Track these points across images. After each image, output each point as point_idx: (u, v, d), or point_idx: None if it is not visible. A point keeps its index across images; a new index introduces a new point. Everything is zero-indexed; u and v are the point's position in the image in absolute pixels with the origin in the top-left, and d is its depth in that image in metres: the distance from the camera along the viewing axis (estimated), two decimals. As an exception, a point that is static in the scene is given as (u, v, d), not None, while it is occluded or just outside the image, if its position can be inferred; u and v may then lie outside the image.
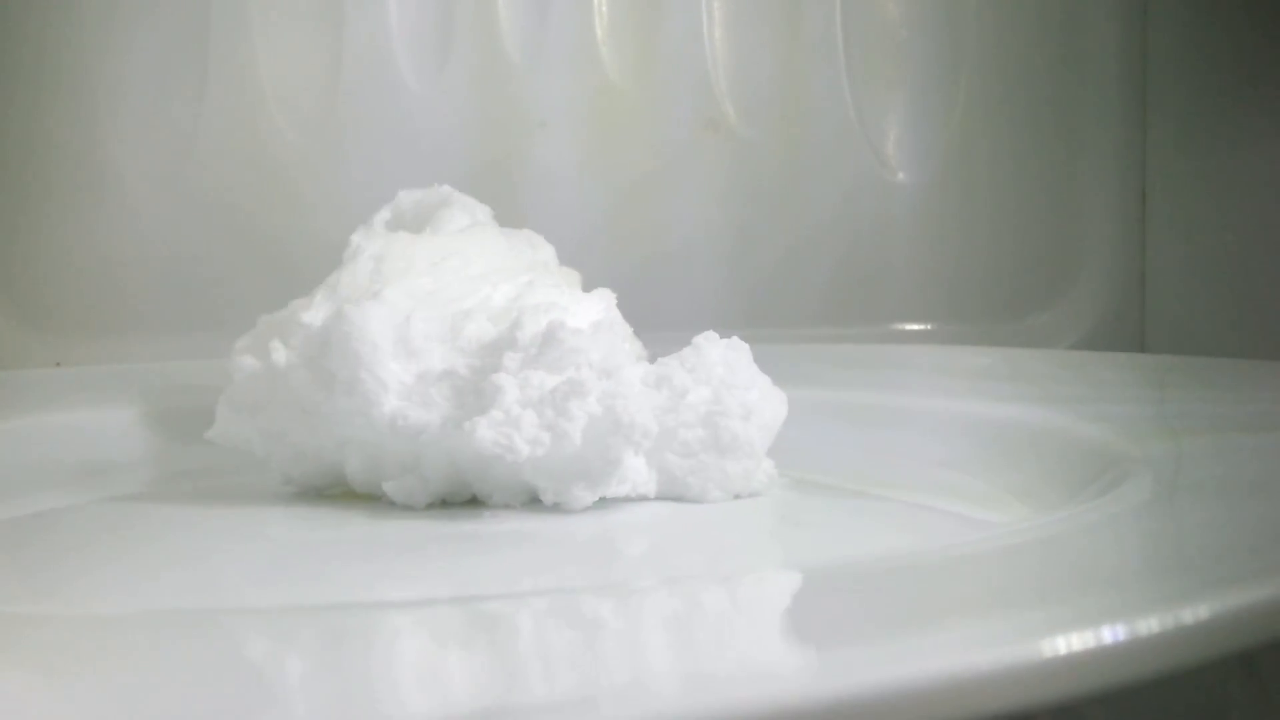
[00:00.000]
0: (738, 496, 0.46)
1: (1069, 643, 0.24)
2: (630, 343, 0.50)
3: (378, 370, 0.44)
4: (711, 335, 0.47)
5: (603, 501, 0.44)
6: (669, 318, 0.82)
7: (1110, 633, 0.25)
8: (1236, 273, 0.81)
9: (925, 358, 0.79)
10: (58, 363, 0.80)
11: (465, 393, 0.44)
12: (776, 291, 0.87)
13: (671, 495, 0.45)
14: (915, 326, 0.88)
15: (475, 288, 0.48)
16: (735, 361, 0.47)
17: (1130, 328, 0.88)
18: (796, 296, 0.87)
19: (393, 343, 0.44)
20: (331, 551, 0.42)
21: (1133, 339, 0.88)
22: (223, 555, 0.42)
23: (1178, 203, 0.86)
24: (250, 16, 0.83)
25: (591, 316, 0.47)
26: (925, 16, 0.88)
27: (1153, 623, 0.25)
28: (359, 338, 0.44)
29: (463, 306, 0.47)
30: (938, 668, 0.23)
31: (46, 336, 0.82)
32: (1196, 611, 0.26)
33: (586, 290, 0.51)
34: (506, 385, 0.43)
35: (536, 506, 0.45)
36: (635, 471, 0.44)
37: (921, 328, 0.88)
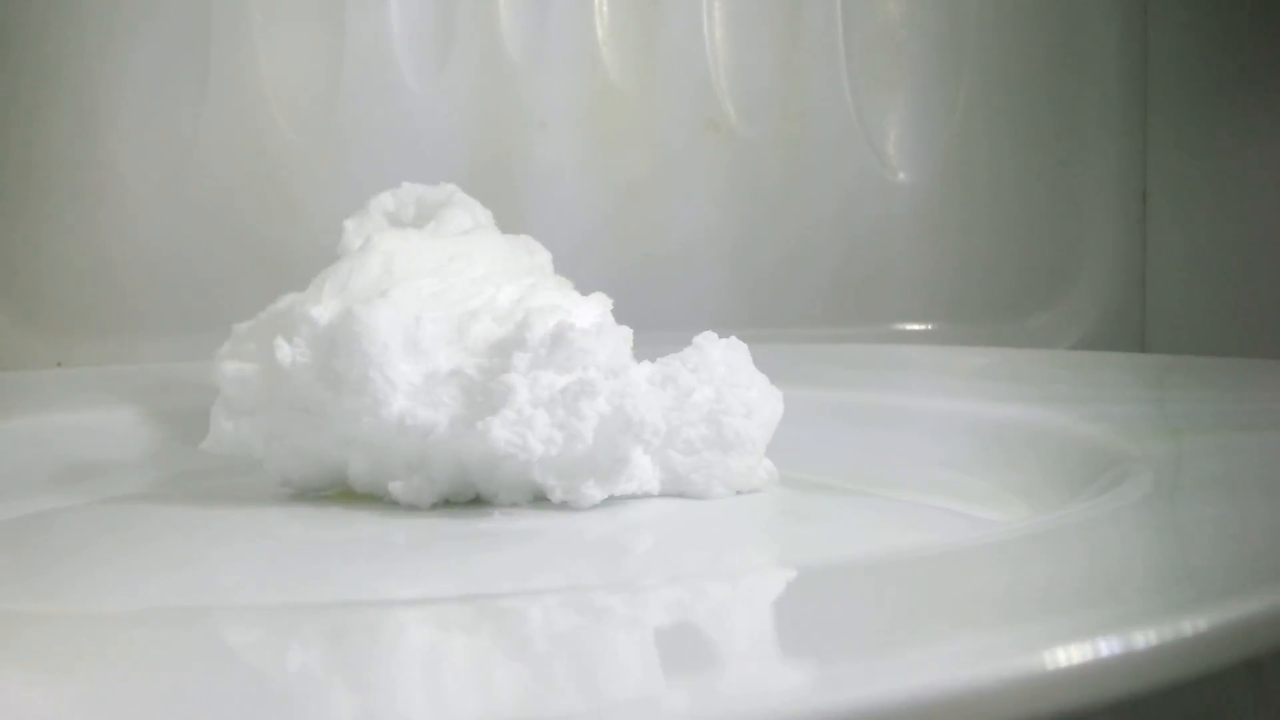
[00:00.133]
0: (739, 493, 0.47)
1: (1069, 655, 0.24)
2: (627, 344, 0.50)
3: (387, 370, 0.44)
4: (711, 335, 0.48)
5: (609, 499, 0.45)
6: (669, 318, 0.82)
7: (1109, 645, 0.24)
8: (1237, 273, 0.81)
9: (925, 358, 0.79)
10: (58, 363, 0.80)
11: (474, 392, 0.44)
12: (777, 291, 0.87)
13: (675, 492, 0.46)
14: (916, 326, 0.88)
15: (480, 289, 0.48)
16: (735, 361, 0.48)
17: (1131, 328, 0.88)
18: (797, 296, 0.87)
19: (402, 343, 0.44)
20: (344, 551, 0.42)
21: (1133, 339, 0.88)
22: (230, 555, 0.42)
23: (1178, 203, 0.86)
24: (251, 17, 0.83)
25: (591, 319, 0.47)
26: (926, 16, 0.88)
27: (1151, 634, 0.25)
28: (369, 337, 0.44)
29: (469, 307, 0.47)
30: (937, 683, 0.23)
31: (47, 337, 0.82)
32: (1197, 623, 0.25)
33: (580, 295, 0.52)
34: (518, 385, 0.43)
35: (543, 505, 0.45)
36: (642, 469, 0.45)
37: (922, 328, 0.88)
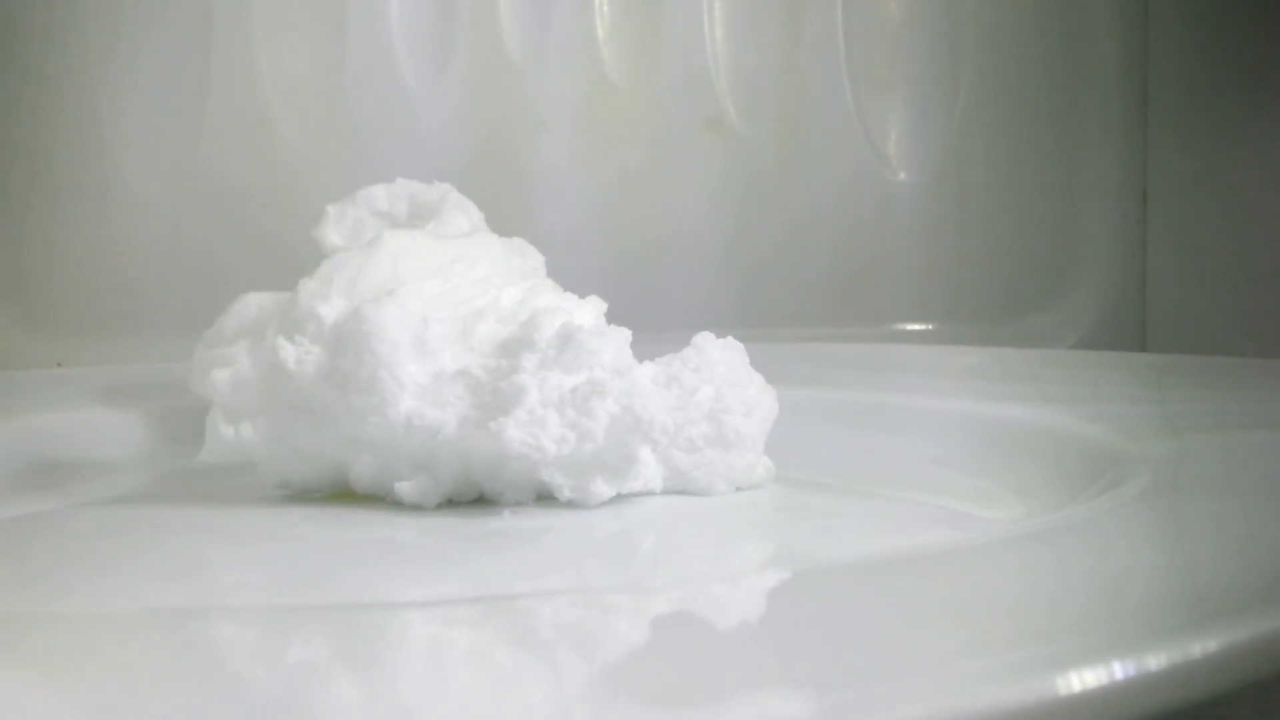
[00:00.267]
0: (739, 489, 0.47)
1: (1082, 680, 0.24)
2: None
3: (396, 370, 0.44)
4: (709, 335, 0.49)
5: (614, 496, 0.45)
6: (669, 317, 0.82)
7: (1123, 668, 0.24)
8: (1237, 273, 0.81)
9: (924, 358, 0.79)
10: (59, 363, 0.80)
11: (481, 392, 0.45)
12: (776, 291, 0.87)
13: (677, 489, 0.47)
14: (915, 326, 0.88)
15: (483, 290, 0.48)
16: (733, 360, 0.49)
17: (1131, 327, 0.88)
18: (796, 296, 0.87)
19: (410, 343, 0.45)
20: (361, 552, 0.42)
21: (1133, 338, 0.88)
22: (244, 557, 0.42)
23: (1178, 203, 0.86)
24: (252, 19, 0.83)
25: (590, 321, 0.48)
26: (926, 16, 0.88)
27: (1162, 657, 0.24)
28: (379, 337, 0.44)
29: (473, 308, 0.47)
30: (946, 712, 0.23)
31: (48, 337, 0.82)
32: (1206, 645, 0.25)
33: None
34: (530, 385, 0.44)
35: (550, 503, 0.45)
36: (647, 467, 0.46)
37: (922, 328, 0.88)
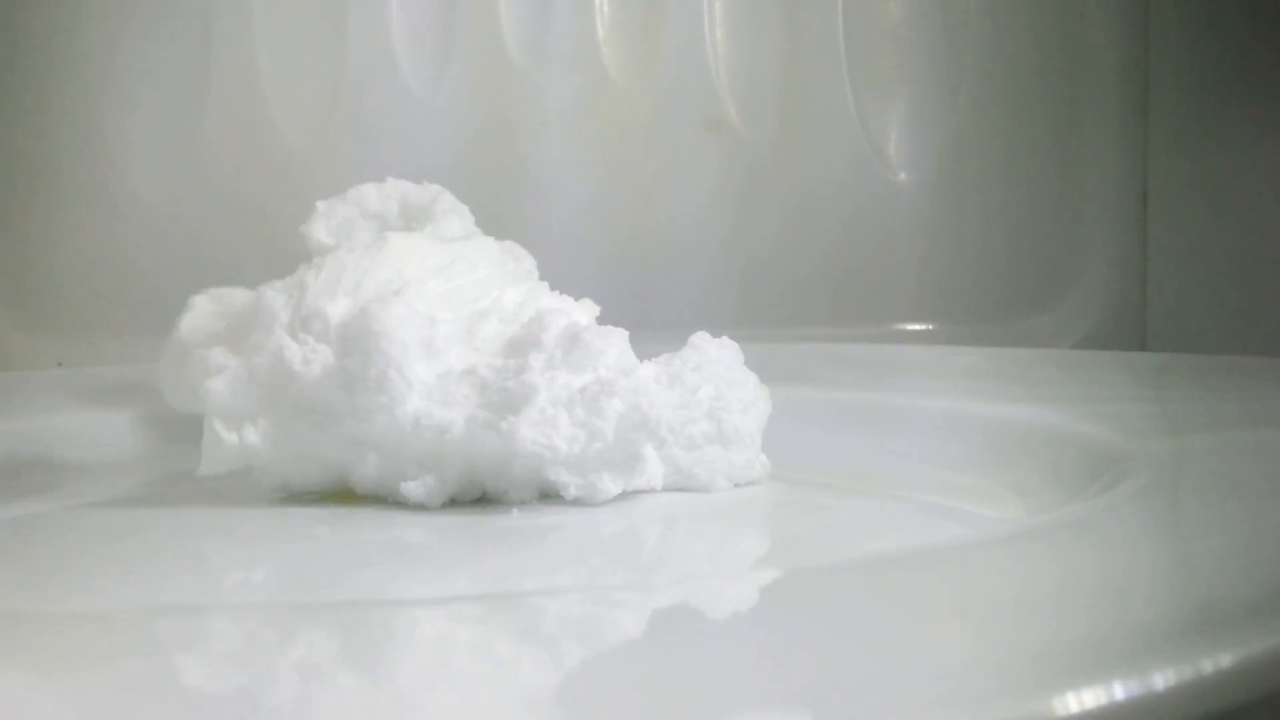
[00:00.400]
0: (737, 485, 0.48)
1: (1081, 700, 0.23)
2: None
3: (405, 370, 0.44)
4: (705, 335, 0.50)
5: (619, 494, 0.46)
6: (669, 317, 0.82)
7: (1126, 688, 0.24)
8: (1238, 272, 0.81)
9: (925, 357, 0.79)
10: (59, 363, 0.80)
11: (489, 392, 0.45)
12: (775, 291, 0.87)
13: (677, 486, 0.47)
14: (916, 326, 0.88)
15: (485, 290, 0.49)
16: (729, 359, 0.50)
17: (1132, 327, 0.88)
18: (795, 296, 0.87)
19: (418, 343, 0.45)
20: (372, 551, 0.42)
21: (1134, 338, 0.88)
22: (247, 556, 0.42)
23: (1179, 202, 0.86)
24: (252, 20, 0.83)
25: (585, 322, 0.48)
26: (927, 17, 0.88)
27: (1170, 674, 0.24)
28: (389, 337, 0.44)
29: (477, 308, 0.48)
30: None
31: (48, 337, 0.82)
32: (1219, 660, 0.25)
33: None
34: (540, 385, 0.44)
35: (554, 501, 0.45)
36: (652, 465, 0.46)
37: (922, 328, 0.88)
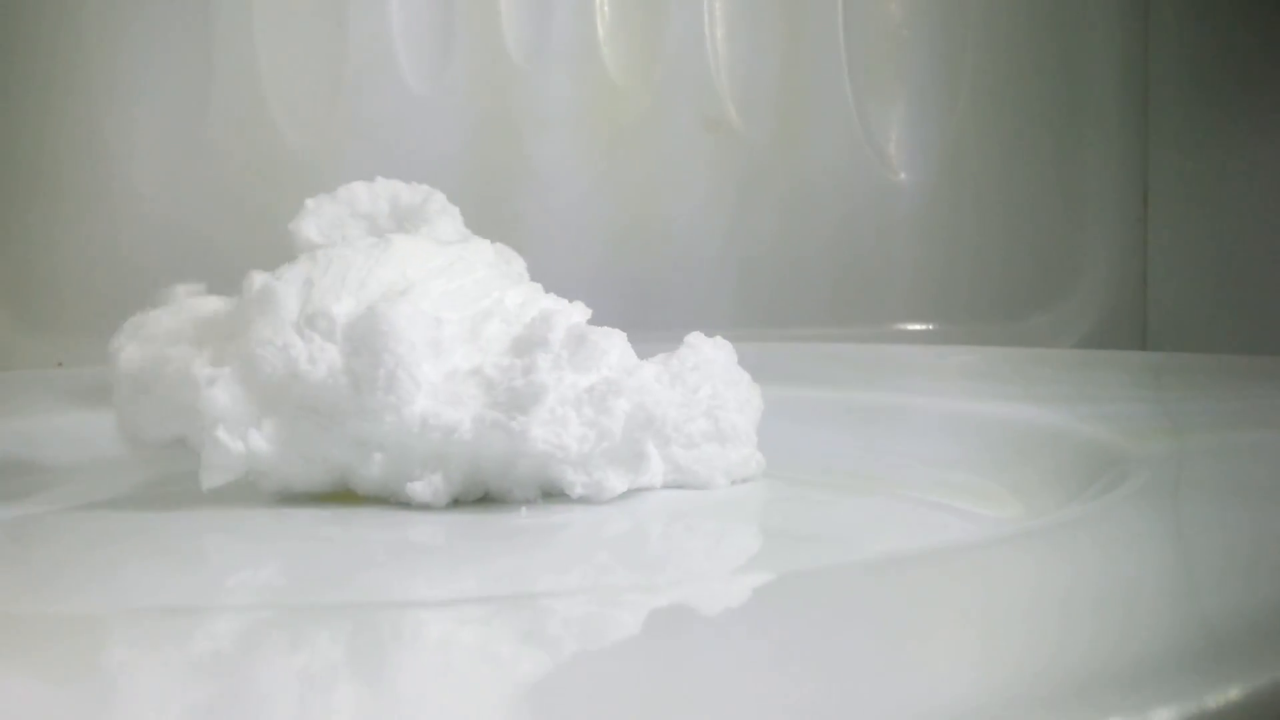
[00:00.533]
0: (734, 482, 0.49)
1: None
2: None
3: (414, 369, 0.45)
4: (700, 335, 0.50)
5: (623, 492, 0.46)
6: (669, 317, 0.82)
7: None
8: (1238, 271, 0.81)
9: (925, 358, 0.79)
10: (59, 363, 0.80)
11: (495, 391, 0.45)
12: (777, 291, 0.87)
13: (677, 483, 0.48)
14: (915, 326, 0.88)
15: (485, 291, 0.49)
16: (724, 358, 0.50)
17: (1132, 327, 0.88)
18: (797, 296, 0.87)
19: (426, 342, 0.45)
20: (388, 551, 0.42)
21: (1135, 338, 0.88)
22: (258, 556, 0.42)
23: (1179, 202, 0.86)
24: (252, 19, 0.83)
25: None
26: (927, 17, 0.88)
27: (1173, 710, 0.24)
28: (398, 336, 0.45)
29: (479, 308, 0.48)
30: None
31: (48, 337, 0.82)
32: (1226, 694, 0.24)
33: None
34: (550, 384, 0.45)
35: (559, 499, 0.45)
36: (655, 462, 0.47)
37: (921, 328, 0.88)
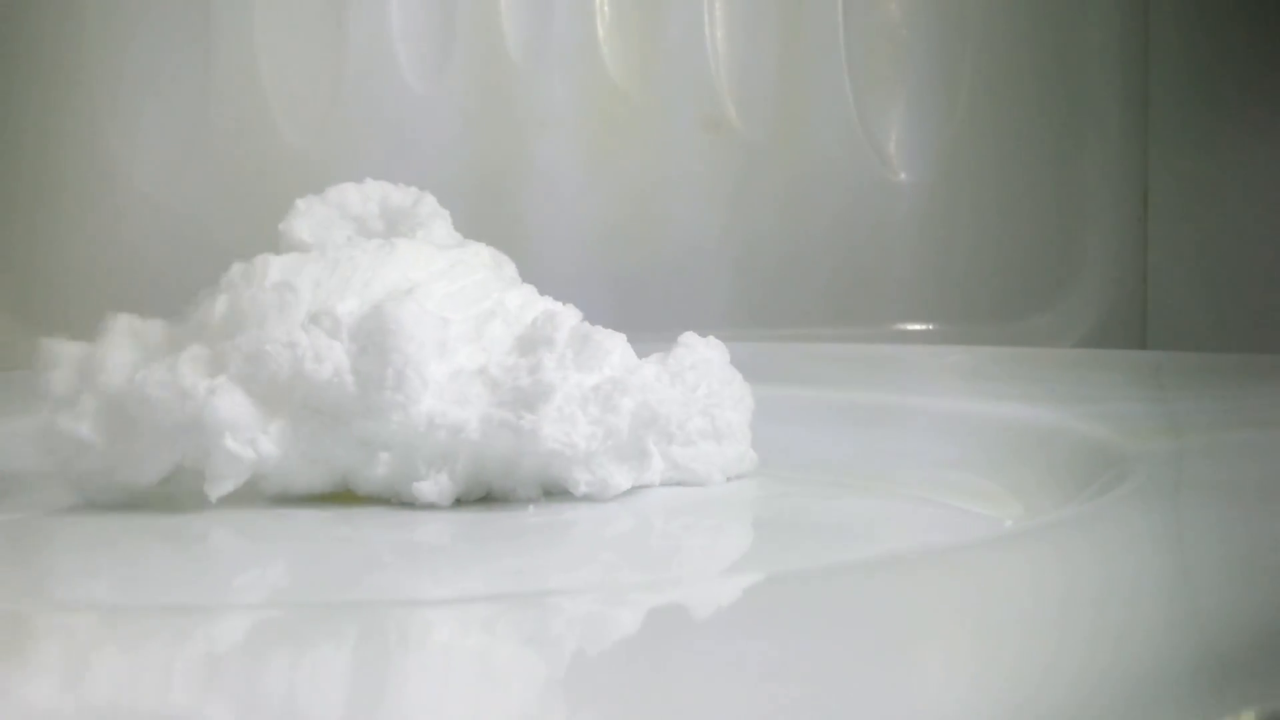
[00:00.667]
0: (730, 479, 0.49)
1: None
2: None
3: (422, 369, 0.45)
4: (694, 335, 0.51)
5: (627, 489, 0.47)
6: (669, 317, 0.82)
7: None
8: (1238, 270, 0.81)
9: (925, 357, 0.79)
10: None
11: (501, 390, 0.45)
12: (778, 291, 0.87)
13: (675, 480, 0.48)
14: (916, 326, 0.88)
15: (486, 292, 0.49)
16: (717, 358, 0.51)
17: (1132, 326, 0.88)
18: (798, 296, 0.87)
19: (432, 342, 0.45)
20: (403, 551, 0.42)
21: (1135, 337, 0.88)
22: (271, 556, 0.42)
23: (1179, 201, 0.86)
24: (252, 19, 0.83)
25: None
26: (927, 16, 0.88)
27: None
28: (406, 336, 0.45)
29: (481, 309, 0.48)
30: None
31: (48, 337, 0.82)
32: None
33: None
34: (558, 383, 0.45)
35: (564, 497, 0.46)
36: (657, 460, 0.47)
37: (922, 328, 0.88)
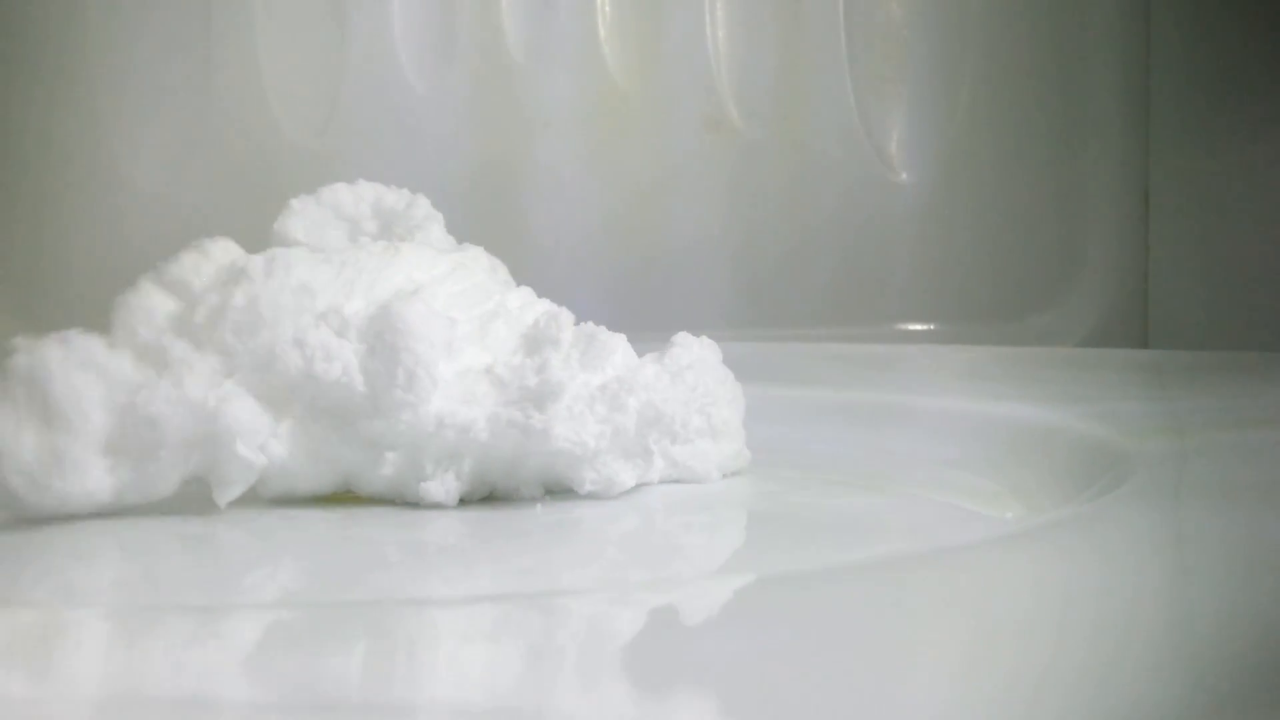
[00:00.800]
0: (725, 475, 0.50)
1: None
2: None
3: (432, 368, 0.45)
4: (687, 334, 0.51)
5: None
6: (671, 317, 0.82)
7: None
8: (1239, 270, 0.81)
9: (927, 357, 0.79)
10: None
11: (508, 390, 0.46)
12: (779, 291, 0.87)
13: (674, 477, 0.48)
14: (917, 326, 0.88)
15: (487, 294, 0.50)
16: (710, 357, 0.51)
17: (1133, 326, 0.88)
18: (799, 296, 0.87)
19: (442, 342, 0.46)
20: (412, 550, 0.42)
21: (1136, 337, 0.88)
22: (269, 558, 0.42)
23: (1181, 200, 0.86)
24: (253, 18, 0.83)
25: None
26: (928, 16, 0.88)
27: None
28: (417, 335, 0.45)
29: (485, 309, 0.49)
30: None
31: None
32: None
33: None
34: (567, 382, 0.45)
35: (568, 495, 0.46)
36: (658, 458, 0.48)
37: (924, 328, 0.88)
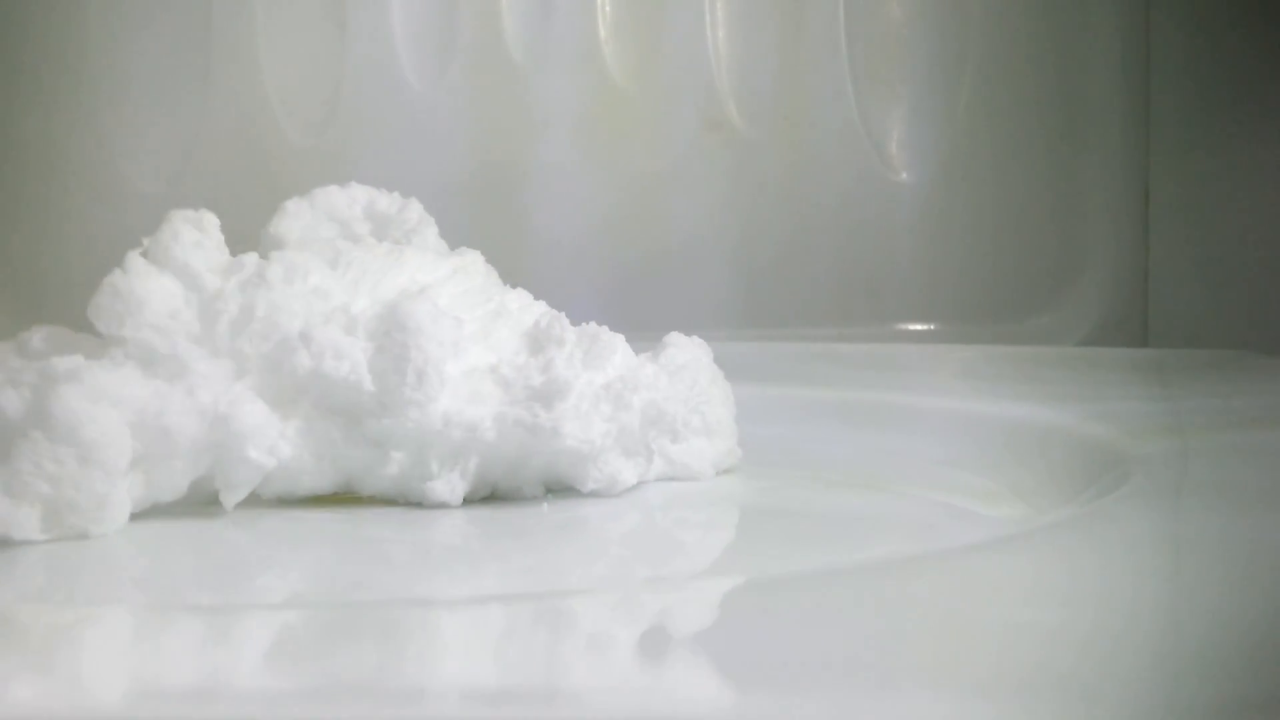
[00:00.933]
0: (719, 473, 0.50)
1: None
2: None
3: (440, 368, 0.45)
4: (679, 335, 0.51)
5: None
6: (671, 317, 0.82)
7: None
8: (1240, 270, 0.81)
9: (927, 356, 0.79)
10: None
11: (513, 389, 0.46)
12: (779, 291, 0.87)
13: (669, 475, 0.49)
14: (918, 326, 0.88)
15: (488, 295, 0.50)
16: (703, 356, 0.51)
17: (1133, 325, 0.88)
18: (799, 297, 0.87)
19: (449, 341, 0.46)
20: (421, 550, 0.43)
21: (1137, 337, 0.88)
22: (277, 559, 0.42)
23: (1181, 200, 0.86)
24: (253, 18, 0.83)
25: None
26: (928, 16, 0.88)
27: None
28: (425, 334, 0.45)
29: (487, 309, 0.49)
30: None
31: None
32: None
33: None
34: (573, 381, 0.46)
35: (570, 494, 0.46)
36: (658, 456, 0.48)
37: (924, 327, 0.88)
